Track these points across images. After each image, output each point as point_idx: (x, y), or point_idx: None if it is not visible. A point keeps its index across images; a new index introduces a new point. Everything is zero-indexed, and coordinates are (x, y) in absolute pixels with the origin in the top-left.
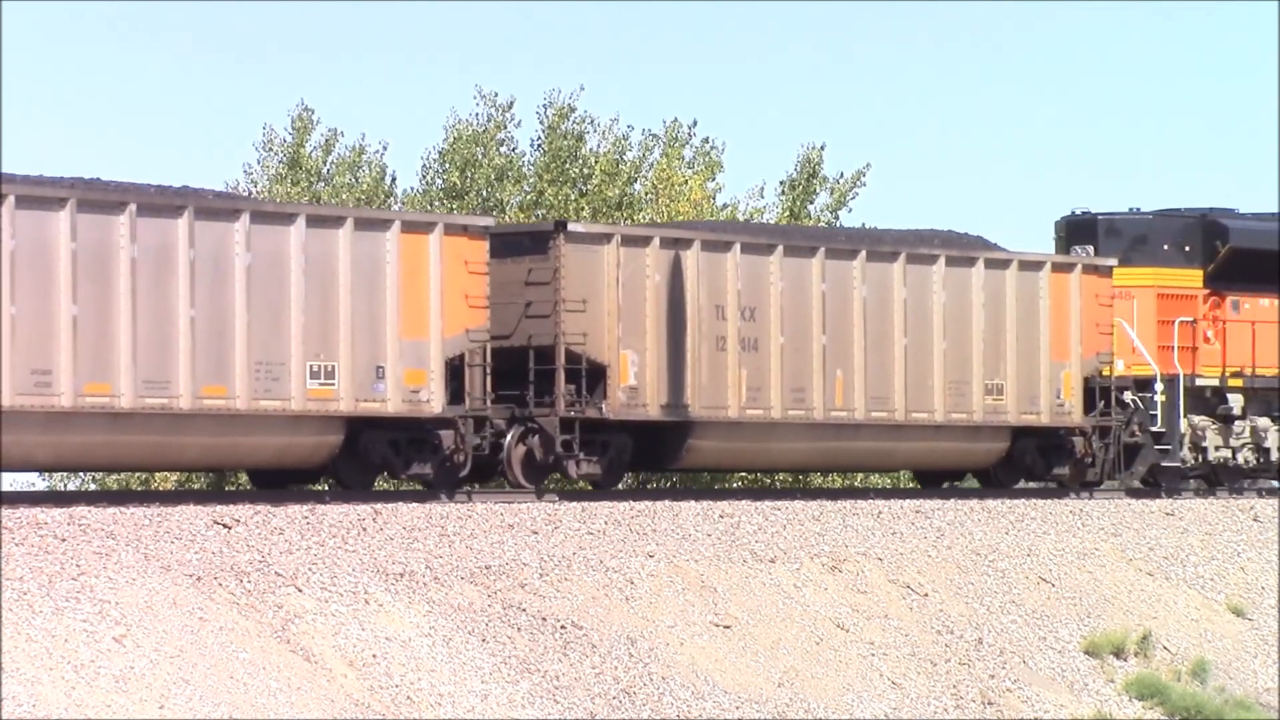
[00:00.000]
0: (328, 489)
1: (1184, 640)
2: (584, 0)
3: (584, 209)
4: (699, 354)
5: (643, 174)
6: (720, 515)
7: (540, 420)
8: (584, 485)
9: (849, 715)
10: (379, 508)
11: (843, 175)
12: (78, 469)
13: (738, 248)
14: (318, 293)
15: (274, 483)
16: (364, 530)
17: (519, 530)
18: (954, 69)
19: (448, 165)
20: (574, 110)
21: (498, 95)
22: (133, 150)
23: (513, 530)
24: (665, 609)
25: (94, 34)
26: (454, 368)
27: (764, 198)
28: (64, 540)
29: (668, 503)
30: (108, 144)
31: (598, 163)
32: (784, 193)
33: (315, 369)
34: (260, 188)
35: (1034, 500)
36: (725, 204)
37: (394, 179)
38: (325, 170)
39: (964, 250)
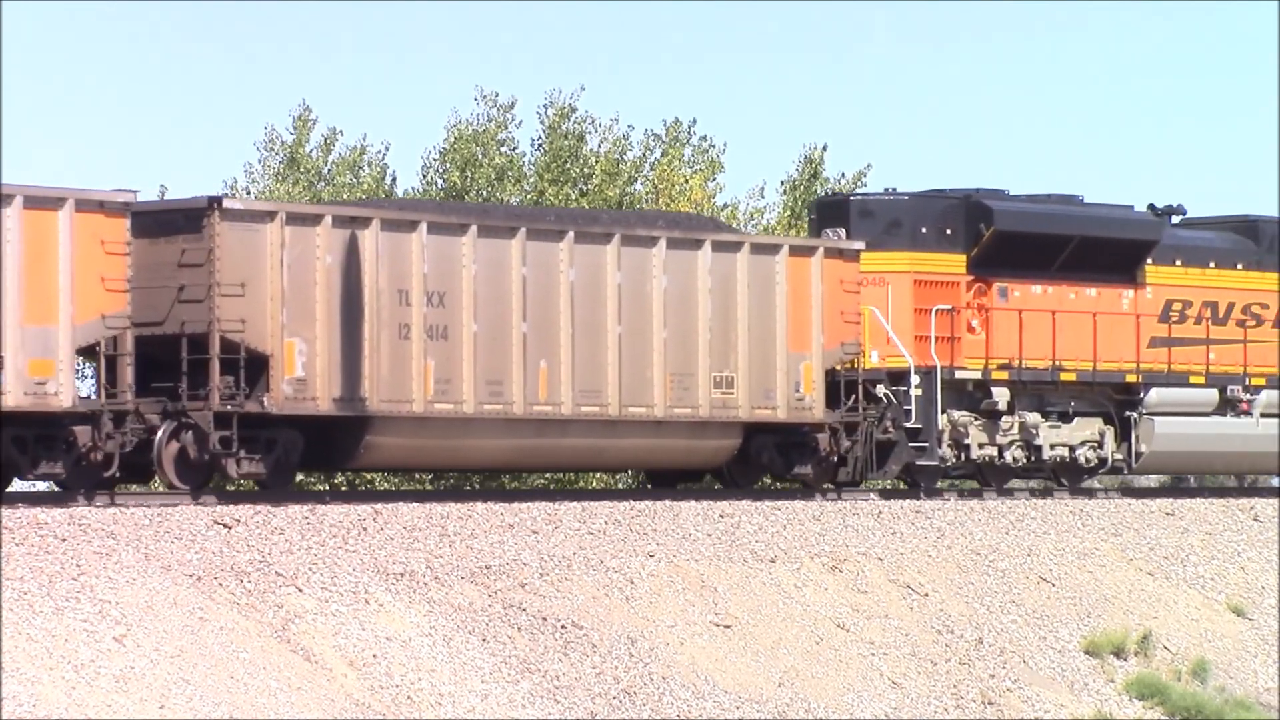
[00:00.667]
0: (328, 489)
1: (1184, 640)
2: (584, 0)
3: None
4: (378, 343)
5: (643, 174)
6: (720, 515)
7: (194, 415)
8: (249, 486)
9: (849, 715)
10: (379, 508)
11: (844, 175)
12: None
13: (424, 227)
14: None
15: None
16: (364, 530)
17: (519, 530)
18: (954, 69)
19: (448, 165)
20: (574, 110)
21: (498, 95)
22: (132, 150)
23: (513, 530)
24: (665, 609)
25: (94, 34)
26: (108, 359)
27: (765, 198)
28: (64, 540)
29: (668, 503)
30: (108, 144)
31: (598, 163)
32: (785, 193)
33: None
34: (261, 187)
35: (1034, 500)
36: (725, 204)
37: (394, 179)
38: (326, 170)
39: (688, 231)
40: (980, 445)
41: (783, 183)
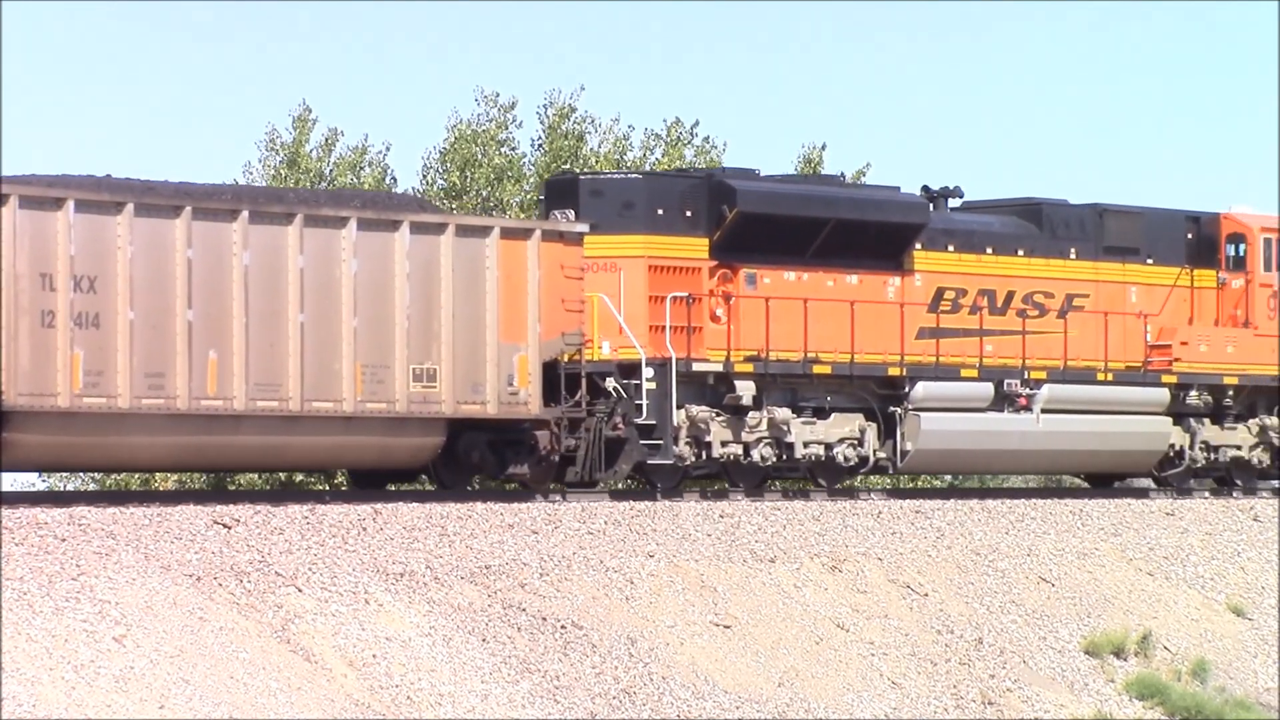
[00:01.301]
0: (327, 489)
1: (1184, 640)
2: (584, 0)
3: None
4: (16, 331)
5: None
6: (720, 515)
7: None
8: None
9: (849, 715)
10: (379, 508)
11: (844, 175)
12: None
13: (71, 205)
14: None
15: None
16: (364, 530)
17: (519, 530)
18: (954, 69)
19: (448, 165)
20: (574, 110)
21: (499, 95)
22: (133, 150)
23: (513, 530)
24: (665, 609)
25: (94, 33)
26: None
27: None
28: (64, 540)
29: (668, 503)
30: (108, 144)
31: (599, 163)
32: None
33: None
34: None
35: (1034, 500)
36: None
37: (394, 179)
38: (326, 170)
39: (383, 212)
40: (723, 443)
41: None
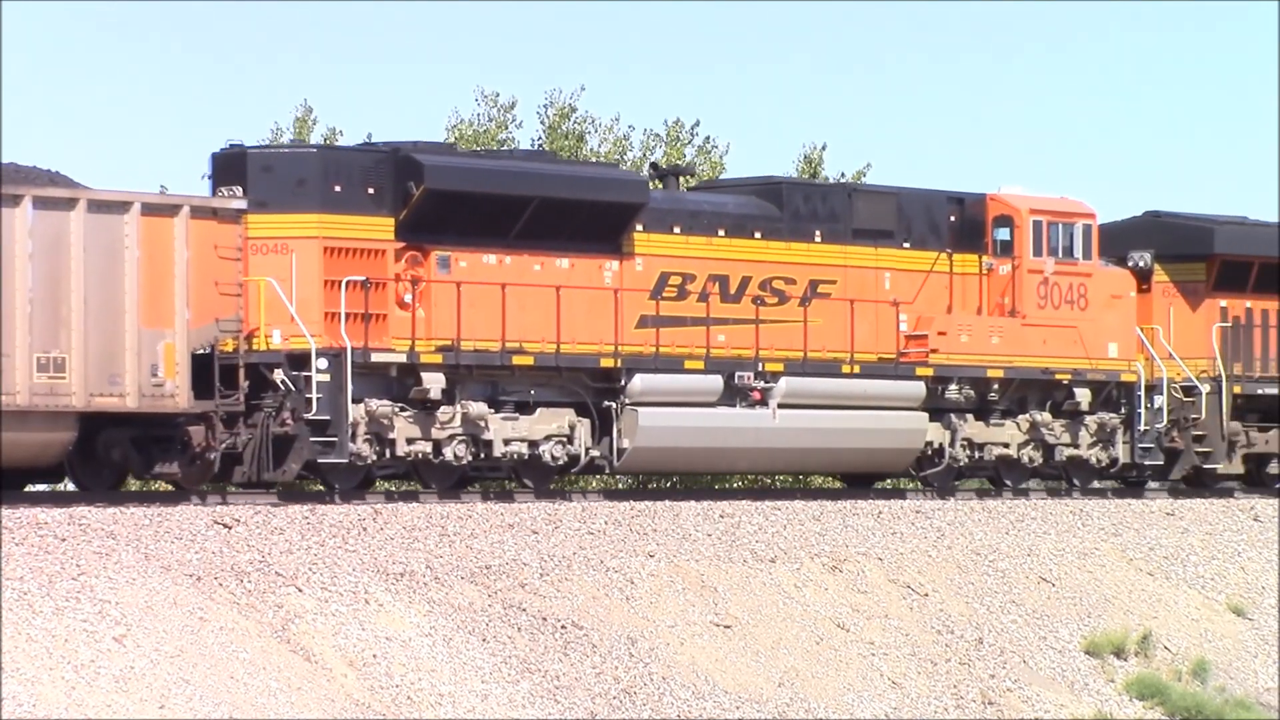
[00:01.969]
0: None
1: (1184, 640)
2: (584, 0)
3: None
4: None
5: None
6: (720, 515)
7: None
8: None
9: (849, 715)
10: (379, 508)
11: (844, 175)
12: None
13: None
14: None
15: None
16: (364, 530)
17: (519, 530)
18: (954, 69)
19: None
20: (575, 110)
21: (499, 95)
22: (134, 150)
23: (513, 530)
24: (665, 609)
25: (95, 33)
26: None
27: None
28: (64, 540)
29: (668, 503)
30: (108, 144)
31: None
32: None
33: None
34: None
35: (1034, 500)
36: None
37: None
38: None
39: (3, 186)
40: (409, 441)
41: None
